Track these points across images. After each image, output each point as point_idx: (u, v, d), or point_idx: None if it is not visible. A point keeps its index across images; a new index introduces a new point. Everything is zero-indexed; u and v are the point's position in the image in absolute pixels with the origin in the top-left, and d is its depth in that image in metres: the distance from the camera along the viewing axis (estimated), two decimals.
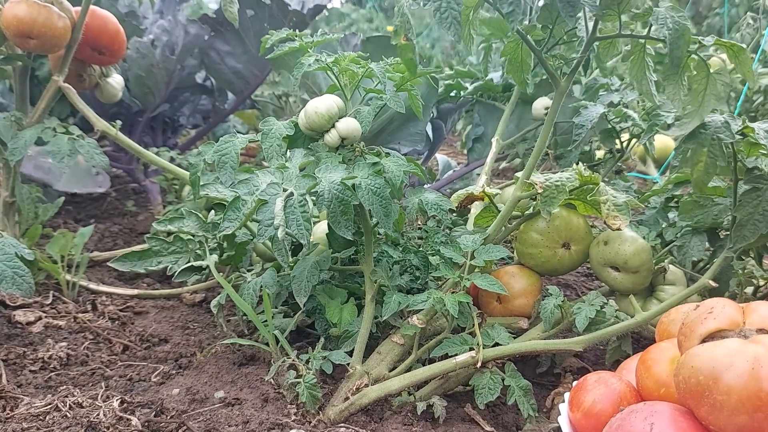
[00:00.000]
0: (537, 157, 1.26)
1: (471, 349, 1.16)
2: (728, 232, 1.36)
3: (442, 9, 1.04)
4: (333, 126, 1.17)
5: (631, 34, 1.16)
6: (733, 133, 1.08)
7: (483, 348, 1.15)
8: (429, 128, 2.26)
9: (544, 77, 2.13)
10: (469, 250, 1.24)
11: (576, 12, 1.10)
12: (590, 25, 1.18)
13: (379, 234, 1.36)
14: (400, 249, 1.38)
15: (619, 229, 1.26)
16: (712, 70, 1.13)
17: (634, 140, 1.91)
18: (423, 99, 2.00)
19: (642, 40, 1.16)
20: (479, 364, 1.14)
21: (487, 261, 1.23)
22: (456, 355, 1.16)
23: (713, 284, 1.19)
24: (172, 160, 2.08)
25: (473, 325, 1.20)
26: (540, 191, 1.30)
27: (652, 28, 1.09)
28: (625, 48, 1.26)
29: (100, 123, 1.59)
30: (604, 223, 1.26)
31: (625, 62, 1.23)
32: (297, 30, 1.28)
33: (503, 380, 1.16)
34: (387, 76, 1.22)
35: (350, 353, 1.21)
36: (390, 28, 7.33)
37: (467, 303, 1.18)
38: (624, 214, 1.25)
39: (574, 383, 1.02)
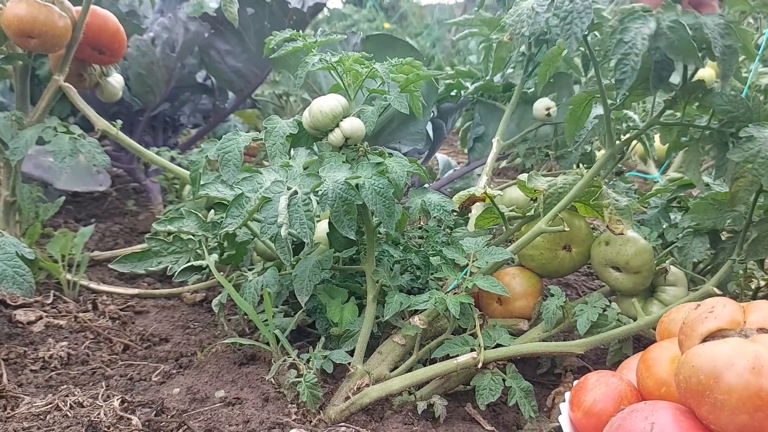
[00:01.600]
0: (568, 203, 1.26)
1: (472, 350, 1.16)
2: (730, 235, 1.36)
3: (568, 20, 1.06)
4: (337, 125, 1.17)
5: (692, 123, 1.19)
6: None
7: (484, 349, 1.15)
8: (429, 127, 2.26)
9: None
10: (472, 251, 1.24)
11: (662, 84, 1.13)
12: (657, 108, 1.23)
13: (380, 233, 1.36)
14: (401, 248, 1.38)
15: (621, 234, 1.26)
16: (713, 72, 1.15)
17: (634, 141, 1.90)
18: (423, 98, 2.01)
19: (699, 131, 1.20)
20: (480, 365, 1.14)
21: (489, 263, 1.23)
22: (457, 355, 1.16)
23: (718, 292, 1.19)
24: (172, 159, 2.08)
25: (474, 326, 1.20)
26: (542, 197, 1.31)
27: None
28: (682, 138, 1.30)
29: (100, 122, 1.59)
30: (607, 227, 1.27)
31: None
32: (297, 28, 1.28)
33: (504, 381, 1.16)
34: (391, 76, 1.22)
35: (351, 353, 1.21)
36: (387, 26, 7.33)
37: (469, 304, 1.18)
38: (626, 218, 1.25)
39: (575, 383, 1.02)
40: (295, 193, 1.05)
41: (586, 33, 1.09)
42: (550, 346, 1.19)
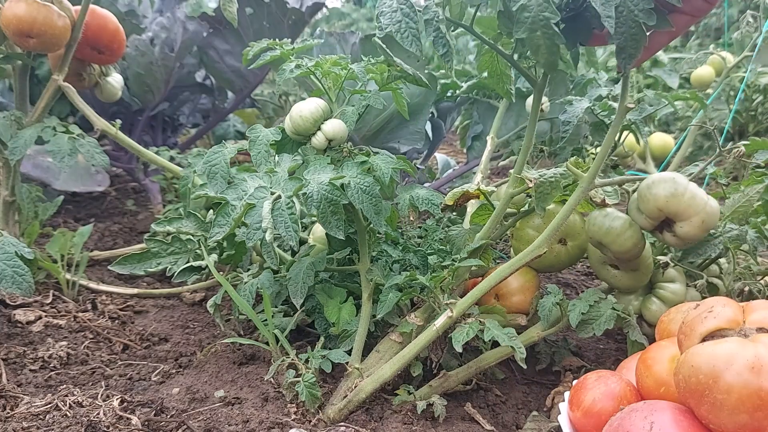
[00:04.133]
0: (526, 154, 1.25)
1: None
2: None
3: (402, 30, 1.06)
4: (319, 129, 1.17)
5: None
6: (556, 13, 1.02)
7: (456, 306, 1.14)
8: (429, 127, 2.26)
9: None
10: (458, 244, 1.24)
11: None
12: None
13: (379, 233, 1.36)
14: (400, 248, 1.38)
15: (603, 204, 1.24)
16: (712, 70, 1.15)
17: (625, 133, 1.89)
18: (421, 98, 2.01)
19: None
20: (454, 316, 1.13)
21: (484, 258, 1.23)
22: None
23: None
24: (171, 159, 2.07)
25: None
26: (533, 188, 1.30)
27: None
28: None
29: (99, 122, 1.59)
30: (589, 199, 1.24)
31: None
32: (296, 28, 1.28)
33: (482, 325, 1.13)
34: (369, 75, 1.22)
35: (349, 352, 1.21)
36: None
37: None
38: (613, 197, 1.24)
39: (574, 382, 1.02)
40: (279, 197, 1.05)
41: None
42: (513, 262, 1.18)
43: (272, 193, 1.06)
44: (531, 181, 1.29)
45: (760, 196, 1.34)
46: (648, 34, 0.99)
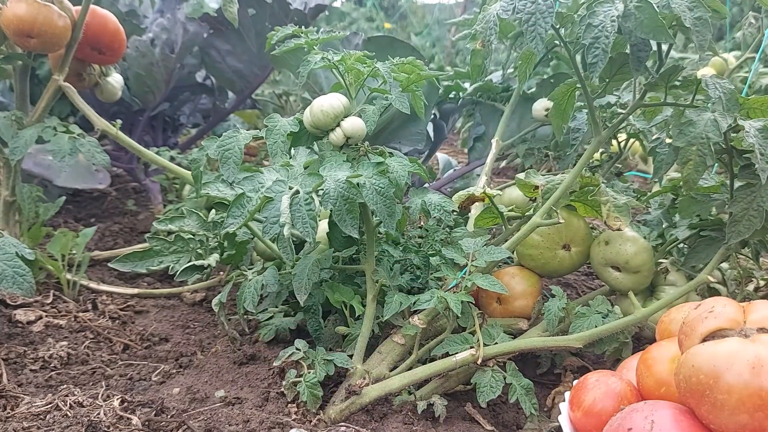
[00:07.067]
0: (563, 192, 1.26)
1: (471, 347, 1.16)
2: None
3: (531, 22, 1.06)
4: (338, 125, 1.17)
5: (675, 102, 1.21)
6: (721, 132, 1.08)
7: (484, 347, 1.15)
8: (430, 128, 2.26)
9: (545, 77, 2.12)
10: (471, 251, 1.24)
11: (642, 66, 1.15)
12: (638, 91, 1.24)
13: (379, 233, 1.36)
14: (401, 248, 1.38)
15: (619, 230, 1.26)
16: (714, 71, 1.15)
17: (632, 140, 1.90)
18: (425, 98, 2.01)
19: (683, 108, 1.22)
20: (479, 361, 1.14)
21: (488, 262, 1.23)
22: (456, 353, 1.16)
23: (712, 279, 1.19)
24: (172, 159, 2.07)
25: (474, 324, 1.20)
26: (540, 193, 1.30)
27: (708, 91, 1.13)
28: (666, 114, 1.36)
29: (100, 122, 1.58)
30: (605, 223, 1.27)
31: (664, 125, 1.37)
32: None
33: (505, 378, 1.16)
34: (392, 76, 1.22)
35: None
36: (387, 26, 7.33)
37: (468, 303, 1.18)
38: (624, 215, 1.25)
39: (575, 382, 1.02)
40: (297, 192, 1.04)
41: (554, 30, 1.09)
42: (548, 340, 1.19)
43: (290, 188, 1.05)
44: (539, 186, 1.30)
45: None
46: None
